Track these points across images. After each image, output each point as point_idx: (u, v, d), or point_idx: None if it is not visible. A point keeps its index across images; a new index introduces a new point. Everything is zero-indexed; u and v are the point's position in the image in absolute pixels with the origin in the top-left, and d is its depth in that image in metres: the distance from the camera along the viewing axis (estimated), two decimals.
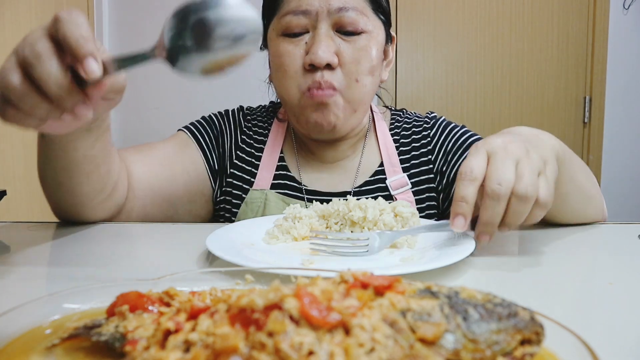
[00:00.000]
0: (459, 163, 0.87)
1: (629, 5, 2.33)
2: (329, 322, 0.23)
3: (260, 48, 0.90)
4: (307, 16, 0.79)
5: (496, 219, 0.54)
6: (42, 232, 0.73)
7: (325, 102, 0.79)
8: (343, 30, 0.79)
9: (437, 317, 0.25)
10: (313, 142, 0.90)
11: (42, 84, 0.43)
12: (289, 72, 0.80)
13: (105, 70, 0.44)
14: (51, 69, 0.43)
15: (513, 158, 0.55)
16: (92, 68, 0.42)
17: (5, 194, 0.79)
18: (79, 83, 0.45)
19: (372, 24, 0.81)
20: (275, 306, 0.24)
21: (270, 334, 0.23)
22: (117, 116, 2.52)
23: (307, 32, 0.80)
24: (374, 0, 0.83)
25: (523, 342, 0.25)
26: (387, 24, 0.86)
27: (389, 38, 0.88)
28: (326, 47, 0.77)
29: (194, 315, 0.27)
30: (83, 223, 0.75)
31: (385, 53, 0.87)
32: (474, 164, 0.54)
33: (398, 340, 0.24)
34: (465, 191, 0.54)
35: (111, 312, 0.30)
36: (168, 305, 0.31)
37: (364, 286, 0.27)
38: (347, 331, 0.24)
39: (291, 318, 0.23)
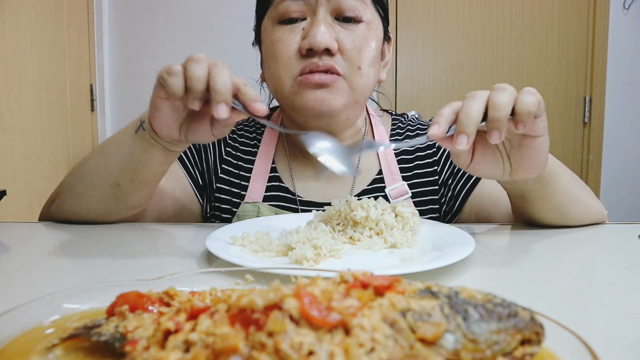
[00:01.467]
0: (466, 178, 0.85)
1: (629, 5, 2.33)
2: (329, 322, 0.23)
3: (253, 44, 0.89)
4: (305, 2, 0.76)
5: (471, 111, 0.55)
6: (42, 232, 0.73)
7: (326, 84, 0.75)
8: (342, 17, 0.77)
9: (437, 317, 0.25)
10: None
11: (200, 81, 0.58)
12: (282, 58, 0.77)
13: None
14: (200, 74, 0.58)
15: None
16: (221, 111, 0.57)
17: (5, 194, 0.79)
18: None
19: (371, 14, 0.79)
20: (275, 306, 0.24)
21: (270, 334, 0.23)
22: (116, 116, 2.52)
23: (305, 19, 0.77)
24: None
25: (523, 342, 0.25)
26: (385, 21, 0.84)
27: (386, 37, 0.85)
28: (325, 30, 0.75)
29: (194, 315, 0.27)
30: (83, 223, 0.75)
31: (382, 53, 0.84)
32: (453, 103, 0.59)
33: (398, 340, 0.23)
34: (442, 110, 0.57)
35: (111, 312, 0.30)
36: (168, 305, 0.31)
37: (364, 286, 0.27)
38: (347, 331, 0.24)
39: (291, 318, 0.23)
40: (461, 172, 0.86)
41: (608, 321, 0.38)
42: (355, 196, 0.85)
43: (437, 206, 0.87)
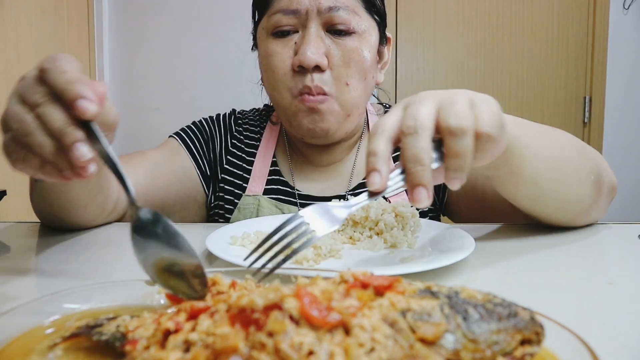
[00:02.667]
0: None
1: (629, 6, 2.33)
2: (329, 322, 0.23)
3: (252, 49, 0.90)
4: (297, 15, 0.77)
5: (420, 155, 0.43)
6: (42, 232, 0.73)
7: (317, 108, 0.77)
8: (333, 30, 0.77)
9: (437, 317, 0.25)
10: (306, 145, 0.88)
11: (45, 119, 0.43)
12: (278, 74, 0.78)
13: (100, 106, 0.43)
14: (51, 109, 0.43)
15: (434, 100, 0.46)
16: (84, 107, 0.41)
17: (5, 194, 0.79)
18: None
19: (364, 23, 0.79)
20: (275, 306, 0.24)
21: (270, 334, 0.23)
22: None
23: (297, 32, 0.78)
24: None
25: (523, 342, 0.25)
26: (382, 25, 0.84)
27: (384, 39, 0.85)
28: (315, 47, 0.75)
29: (193, 315, 0.27)
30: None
31: (380, 54, 0.85)
32: (384, 119, 0.46)
33: (398, 340, 0.23)
34: (374, 144, 0.44)
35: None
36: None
37: (364, 286, 0.27)
38: (347, 331, 0.24)
39: (291, 318, 0.23)
40: None
41: (608, 321, 0.38)
42: (351, 190, 0.86)
43: None
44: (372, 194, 0.44)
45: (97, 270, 0.53)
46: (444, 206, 0.89)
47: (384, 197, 0.85)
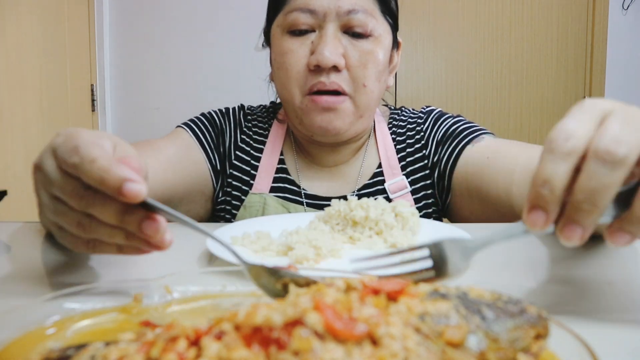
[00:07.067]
0: (449, 152, 0.84)
1: (628, 6, 2.33)
2: (356, 335, 0.22)
3: (262, 45, 0.89)
4: (314, 15, 0.77)
5: (603, 195, 0.32)
6: (42, 232, 0.72)
7: (332, 107, 0.77)
8: (350, 32, 0.77)
9: (454, 319, 0.24)
10: (313, 145, 0.88)
11: (101, 218, 0.40)
12: (291, 72, 0.78)
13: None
14: (100, 208, 0.39)
15: None
16: (132, 191, 0.37)
17: (6, 194, 0.79)
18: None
19: (380, 27, 0.79)
20: (296, 322, 0.22)
21: (296, 353, 0.21)
22: (117, 116, 2.52)
23: (313, 31, 0.78)
24: (382, 1, 0.81)
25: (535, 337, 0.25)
26: (394, 28, 0.85)
27: (395, 43, 0.86)
28: (333, 47, 0.75)
29: (196, 339, 0.24)
30: None
31: (391, 58, 0.85)
32: (573, 129, 0.33)
33: (429, 347, 0.23)
34: (553, 168, 0.33)
35: None
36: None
37: (375, 292, 0.26)
38: (373, 342, 0.22)
39: (315, 333, 0.22)
40: (445, 149, 0.85)
41: (608, 321, 0.38)
42: (357, 191, 0.86)
43: (432, 191, 0.87)
44: (526, 231, 0.36)
45: (98, 270, 0.53)
46: (446, 207, 0.89)
47: (388, 199, 0.85)
